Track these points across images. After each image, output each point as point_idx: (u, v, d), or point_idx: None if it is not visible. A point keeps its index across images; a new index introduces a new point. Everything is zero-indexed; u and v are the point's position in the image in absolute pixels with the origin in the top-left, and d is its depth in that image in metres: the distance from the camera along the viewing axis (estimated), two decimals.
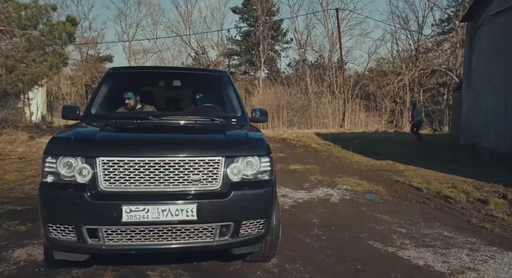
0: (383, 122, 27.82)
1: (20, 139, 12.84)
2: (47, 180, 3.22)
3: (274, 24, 42.73)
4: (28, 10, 14.24)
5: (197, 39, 44.33)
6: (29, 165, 9.54)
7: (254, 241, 3.45)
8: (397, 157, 11.93)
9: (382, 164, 10.84)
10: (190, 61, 45.68)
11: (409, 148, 14.67)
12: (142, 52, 48.63)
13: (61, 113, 4.46)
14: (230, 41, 45.56)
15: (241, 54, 45.48)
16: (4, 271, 3.57)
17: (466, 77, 14.95)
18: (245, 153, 3.44)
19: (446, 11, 33.19)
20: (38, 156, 11.09)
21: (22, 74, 13.10)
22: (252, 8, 42.79)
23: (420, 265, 3.90)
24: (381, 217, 5.69)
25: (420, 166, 10.35)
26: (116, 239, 3.16)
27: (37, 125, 18.68)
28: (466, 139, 14.34)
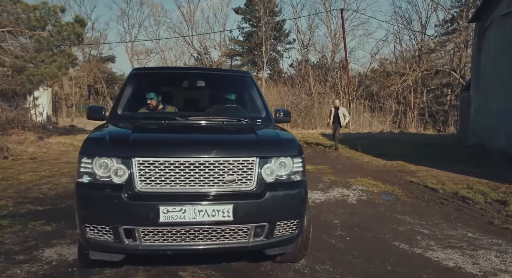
0: (388, 122, 27.79)
1: (30, 139, 12.82)
2: (83, 180, 3.21)
3: (276, 25, 42.74)
4: (37, 11, 14.24)
5: (199, 40, 44.37)
6: (42, 165, 9.53)
7: (287, 241, 3.44)
8: (407, 157, 11.91)
9: (393, 164, 10.83)
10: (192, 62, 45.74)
11: (417, 148, 14.66)
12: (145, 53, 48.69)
13: (86, 114, 4.45)
14: (233, 41, 45.59)
15: (243, 54, 45.51)
16: (38, 271, 3.56)
17: (475, 77, 14.93)
18: (278, 153, 3.43)
19: (449, 12, 33.19)
20: (49, 156, 11.11)
21: (31, 75, 13.09)
22: (255, 9, 42.81)
23: (450, 266, 3.88)
24: (402, 218, 5.68)
25: (431, 167, 10.34)
26: (153, 240, 3.15)
27: (43, 125, 18.69)
28: (475, 140, 14.33)
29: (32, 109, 18.73)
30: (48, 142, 13.33)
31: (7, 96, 15.00)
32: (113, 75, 44.21)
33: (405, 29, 36.16)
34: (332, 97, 28.27)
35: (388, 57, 37.63)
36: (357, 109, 28.84)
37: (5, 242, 4.25)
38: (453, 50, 32.93)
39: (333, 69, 35.48)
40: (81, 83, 35.78)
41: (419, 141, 17.19)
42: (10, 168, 9.06)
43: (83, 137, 13.95)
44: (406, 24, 36.31)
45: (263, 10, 40.97)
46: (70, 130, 20.14)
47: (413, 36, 36.30)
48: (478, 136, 14.12)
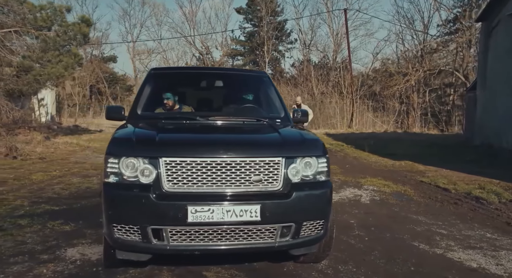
0: (391, 122, 27.78)
1: (37, 139, 12.83)
2: (110, 180, 3.21)
3: (278, 25, 42.77)
4: (43, 11, 14.25)
5: (201, 40, 44.40)
6: (51, 165, 9.53)
7: (313, 242, 3.44)
8: (414, 157, 11.90)
9: (401, 164, 10.82)
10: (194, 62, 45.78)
11: (423, 148, 14.65)
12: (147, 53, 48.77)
13: (105, 113, 4.46)
14: (234, 41, 45.64)
15: (245, 54, 45.55)
16: (64, 270, 3.56)
17: (481, 77, 14.92)
18: (303, 153, 3.43)
19: (452, 11, 33.16)
20: (57, 156, 11.11)
21: (38, 75, 13.10)
22: (256, 9, 42.85)
23: (474, 267, 3.88)
24: (417, 218, 5.67)
25: (440, 167, 10.32)
26: (180, 240, 3.14)
27: (48, 125, 18.70)
28: (481, 139, 14.32)
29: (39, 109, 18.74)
30: (55, 142, 13.33)
31: (13, 96, 15.00)
32: (114, 75, 44.22)
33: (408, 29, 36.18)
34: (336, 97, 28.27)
35: (390, 57, 37.70)
36: (360, 109, 28.82)
37: (27, 241, 4.26)
38: (455, 50, 32.93)
39: (335, 69, 35.51)
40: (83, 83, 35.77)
41: (425, 141, 17.18)
42: (20, 167, 9.06)
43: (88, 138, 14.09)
44: (408, 24, 36.34)
45: (265, 10, 41.02)
46: (75, 131, 20.14)
47: (415, 36, 36.35)
48: (485, 136, 14.11)
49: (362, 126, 27.11)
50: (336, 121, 27.66)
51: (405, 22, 37.25)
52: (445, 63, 33.41)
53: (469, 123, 17.07)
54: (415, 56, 34.00)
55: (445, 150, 14.09)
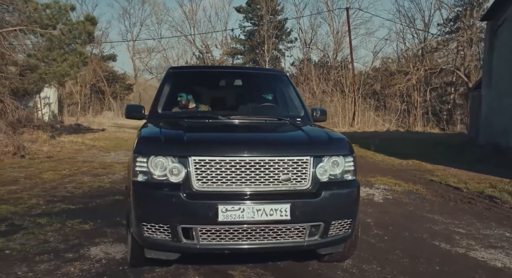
0: (393, 121, 27.81)
1: (42, 138, 12.81)
2: (139, 179, 3.20)
3: (278, 24, 42.75)
4: (48, 10, 14.22)
5: (201, 39, 44.36)
6: (60, 164, 9.51)
7: (340, 241, 3.44)
8: (421, 156, 11.92)
9: (409, 163, 10.83)
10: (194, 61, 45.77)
11: (428, 147, 14.67)
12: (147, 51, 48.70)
13: (125, 112, 4.45)
14: (234, 40, 45.61)
15: (245, 53, 45.52)
16: (91, 269, 3.55)
17: (486, 76, 14.92)
18: (330, 152, 3.43)
19: (453, 10, 33.19)
20: (64, 155, 11.09)
21: (44, 73, 13.07)
22: (256, 7, 42.82)
23: (499, 267, 3.88)
24: (433, 217, 5.68)
25: (448, 166, 10.34)
26: (210, 239, 3.14)
27: (51, 124, 18.67)
28: (486, 139, 14.31)
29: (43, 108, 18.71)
30: (60, 141, 13.32)
31: (17, 95, 14.96)
32: (114, 74, 44.11)
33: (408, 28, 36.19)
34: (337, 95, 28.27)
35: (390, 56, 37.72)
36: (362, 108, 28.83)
37: (49, 240, 4.25)
38: (456, 49, 32.98)
39: (335, 68, 35.51)
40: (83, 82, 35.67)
41: (428, 140, 17.20)
42: (29, 166, 9.04)
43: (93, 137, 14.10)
44: (409, 22, 36.36)
45: (265, 9, 40.99)
46: (77, 130, 20.10)
47: (416, 35, 36.38)
48: (490, 135, 14.12)
49: (364, 125, 27.13)
50: (337, 120, 27.67)
51: (405, 21, 37.29)
52: (445, 62, 33.45)
53: (473, 122, 17.08)
54: (416, 55, 34.01)
55: (450, 149, 14.11)
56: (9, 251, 3.91)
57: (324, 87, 31.54)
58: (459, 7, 32.83)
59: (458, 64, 32.02)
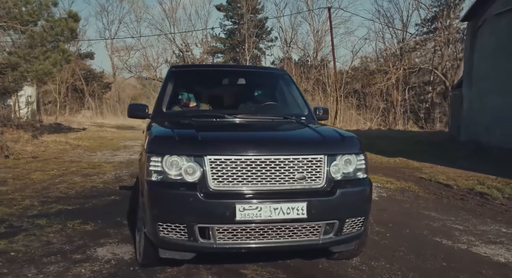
0: (375, 120, 28.17)
1: (24, 138, 12.52)
2: (154, 179, 3.16)
3: (259, 22, 42.77)
4: (28, 5, 13.88)
5: (181, 37, 44.01)
6: (47, 164, 9.31)
7: (354, 238, 3.47)
8: (406, 154, 12.08)
9: (396, 161, 11.00)
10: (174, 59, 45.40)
11: (411, 145, 14.92)
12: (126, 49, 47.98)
13: (128, 112, 4.39)
14: (215, 39, 45.41)
15: (225, 52, 45.39)
16: (102, 270, 3.49)
17: (467, 75, 15.26)
18: (343, 150, 3.45)
19: (431, 10, 33.78)
20: (50, 155, 10.86)
21: (26, 72, 12.76)
22: (237, 6, 42.73)
23: (503, 262, 3.97)
24: (429, 214, 5.78)
25: (434, 163, 10.52)
26: (227, 238, 3.12)
27: (31, 124, 18.26)
28: (468, 136, 14.65)
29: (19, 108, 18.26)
30: (43, 141, 13.03)
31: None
32: (92, 72, 43.36)
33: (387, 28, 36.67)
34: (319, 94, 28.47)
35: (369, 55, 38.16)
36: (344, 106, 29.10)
37: (53, 241, 4.16)
38: (434, 48, 33.61)
39: (316, 67, 35.74)
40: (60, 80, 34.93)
41: (411, 138, 17.48)
42: (15, 167, 8.82)
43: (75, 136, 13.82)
44: (388, 22, 36.85)
45: (245, 8, 40.93)
46: (58, 129, 19.70)
47: (394, 34, 36.90)
48: (471, 133, 14.45)
49: (346, 124, 27.38)
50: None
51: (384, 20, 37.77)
52: (423, 61, 34.04)
53: (454, 121, 17.45)
54: (395, 55, 34.51)
55: (434, 147, 14.38)
56: (14, 253, 3.82)
57: (305, 86, 31.70)
58: (436, 7, 33.46)
59: (435, 63, 32.63)
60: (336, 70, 26.35)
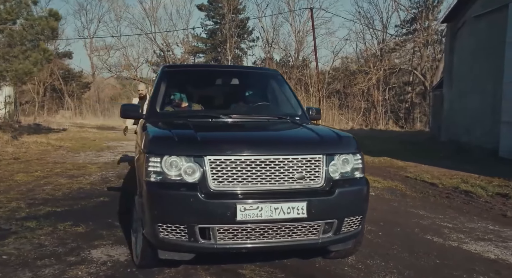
0: (357, 120, 28.46)
1: (4, 139, 12.25)
2: (153, 180, 3.13)
3: (240, 22, 42.76)
4: (7, 3, 13.58)
5: (162, 37, 43.67)
6: (30, 165, 9.10)
7: (352, 237, 3.51)
8: (390, 153, 12.22)
9: (381, 161, 11.12)
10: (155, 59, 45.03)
11: (394, 145, 15.11)
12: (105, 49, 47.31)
13: (121, 112, 4.33)
14: (196, 38, 45.21)
15: (206, 52, 45.23)
16: (98, 272, 3.44)
17: (447, 76, 15.56)
18: (340, 150, 3.49)
19: (410, 12, 34.31)
20: (32, 156, 10.63)
21: (5, 71, 12.48)
22: (218, 6, 42.62)
23: (493, 258, 4.06)
24: (418, 212, 5.87)
25: (418, 162, 10.69)
26: (227, 238, 3.12)
27: (9, 124, 17.89)
28: (449, 136, 14.93)
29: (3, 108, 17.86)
30: (24, 141, 12.75)
31: None
32: (70, 72, 42.65)
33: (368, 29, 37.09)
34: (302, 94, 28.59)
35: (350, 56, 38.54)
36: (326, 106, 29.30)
37: (45, 244, 4.08)
38: (413, 49, 34.15)
39: (297, 67, 35.91)
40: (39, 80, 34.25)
41: (393, 138, 17.72)
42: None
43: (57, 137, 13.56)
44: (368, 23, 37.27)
45: (227, 7, 40.85)
46: (38, 129, 19.31)
47: (374, 35, 37.36)
48: (452, 133, 14.73)
49: (328, 124, 27.53)
50: None
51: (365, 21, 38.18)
52: (402, 62, 34.53)
53: (435, 121, 17.76)
54: (375, 55, 34.92)
55: (416, 146, 14.61)
56: (6, 256, 3.73)
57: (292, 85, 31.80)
58: (415, 9, 33.99)
59: (415, 64, 33.15)
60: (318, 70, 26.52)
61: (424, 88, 31.44)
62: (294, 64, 37.70)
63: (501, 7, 11.77)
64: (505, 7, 11.35)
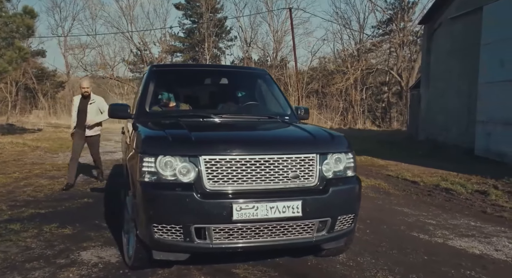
0: (336, 119, 28.74)
1: None
2: (147, 180, 3.11)
3: (218, 22, 42.63)
4: None
5: (139, 36, 43.15)
6: (7, 166, 8.89)
7: (344, 235, 3.55)
8: (370, 152, 12.39)
9: (362, 160, 11.25)
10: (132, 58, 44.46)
11: (374, 144, 15.31)
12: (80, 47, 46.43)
13: (109, 112, 4.28)
14: (174, 38, 44.87)
15: (184, 51, 44.94)
16: (90, 274, 3.39)
17: (424, 76, 15.86)
18: (333, 149, 3.53)
19: (386, 13, 34.84)
20: (8, 157, 10.39)
21: None
22: (196, 5, 42.39)
23: (478, 254, 4.16)
24: (402, 210, 5.98)
25: (398, 161, 10.88)
26: (223, 238, 3.12)
27: None
28: (426, 135, 15.24)
29: None
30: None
31: None
32: (44, 71, 41.73)
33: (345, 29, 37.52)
34: None
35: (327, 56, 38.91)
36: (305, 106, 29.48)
37: (32, 246, 3.99)
38: (389, 50, 34.70)
39: (275, 67, 36.05)
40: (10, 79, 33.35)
41: (372, 137, 17.97)
42: None
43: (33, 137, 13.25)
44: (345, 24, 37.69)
45: (205, 7, 40.67)
46: (12, 130, 18.87)
47: (352, 36, 37.80)
48: (429, 132, 15.04)
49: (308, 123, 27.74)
50: None
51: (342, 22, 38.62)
52: (378, 62, 35.05)
53: (413, 120, 18.08)
54: (352, 55, 35.35)
55: (395, 145, 14.85)
56: None
57: None
58: (391, 10, 34.54)
59: (391, 64, 33.70)
60: (297, 70, 26.68)
61: (400, 88, 31.97)
62: (273, 64, 37.84)
63: (476, 10, 12.08)
64: (480, 9, 11.64)
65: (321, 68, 36.15)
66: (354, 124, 27.93)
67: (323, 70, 35.38)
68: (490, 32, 11.01)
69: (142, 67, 41.89)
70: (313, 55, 39.45)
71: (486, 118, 11.03)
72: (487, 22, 11.14)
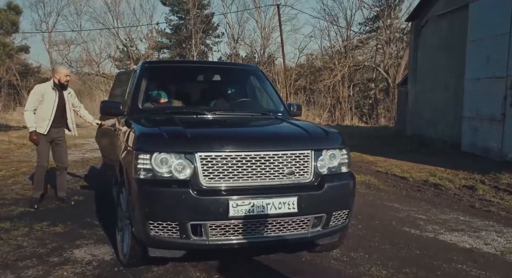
0: (323, 115, 28.85)
1: None
2: (143, 177, 3.10)
3: (205, 18, 42.43)
4: None
5: (126, 32, 42.74)
6: None
7: (339, 231, 3.58)
8: (359, 148, 12.45)
9: (351, 156, 11.30)
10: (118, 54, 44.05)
11: (362, 140, 15.40)
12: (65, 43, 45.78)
13: (101, 108, 4.23)
14: (160, 34, 44.55)
15: (171, 47, 44.65)
16: (85, 272, 3.37)
17: (412, 73, 15.98)
18: (328, 145, 3.55)
19: (373, 10, 35.04)
20: None
21: None
22: (183, 1, 42.14)
23: (468, 248, 4.24)
24: (393, 205, 6.03)
25: (386, 156, 10.95)
26: (219, 234, 3.13)
27: None
28: (413, 130, 15.37)
29: None
30: None
31: None
32: (28, 67, 41.11)
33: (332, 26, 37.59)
34: None
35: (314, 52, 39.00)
36: None
37: (23, 245, 3.96)
38: (376, 47, 34.93)
39: (263, 63, 36.04)
40: None
41: (360, 133, 18.05)
42: None
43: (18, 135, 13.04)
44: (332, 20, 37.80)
45: (191, 3, 40.45)
46: None
47: (339, 32, 37.92)
48: (416, 128, 15.18)
49: None
50: None
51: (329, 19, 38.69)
52: (365, 59, 35.25)
53: (401, 116, 18.23)
54: (339, 52, 35.48)
55: (383, 141, 14.95)
56: None
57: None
58: (378, 7, 34.74)
59: (378, 61, 33.92)
60: (285, 66, 26.70)
61: (387, 85, 32.19)
62: (260, 60, 37.81)
63: (462, 7, 12.19)
64: (466, 7, 11.76)
65: (308, 65, 36.24)
66: (341, 121, 28.07)
67: (311, 67, 35.48)
68: (476, 29, 11.14)
69: (129, 64, 41.48)
70: (301, 52, 39.51)
71: (472, 114, 11.17)
72: (473, 19, 11.27)
